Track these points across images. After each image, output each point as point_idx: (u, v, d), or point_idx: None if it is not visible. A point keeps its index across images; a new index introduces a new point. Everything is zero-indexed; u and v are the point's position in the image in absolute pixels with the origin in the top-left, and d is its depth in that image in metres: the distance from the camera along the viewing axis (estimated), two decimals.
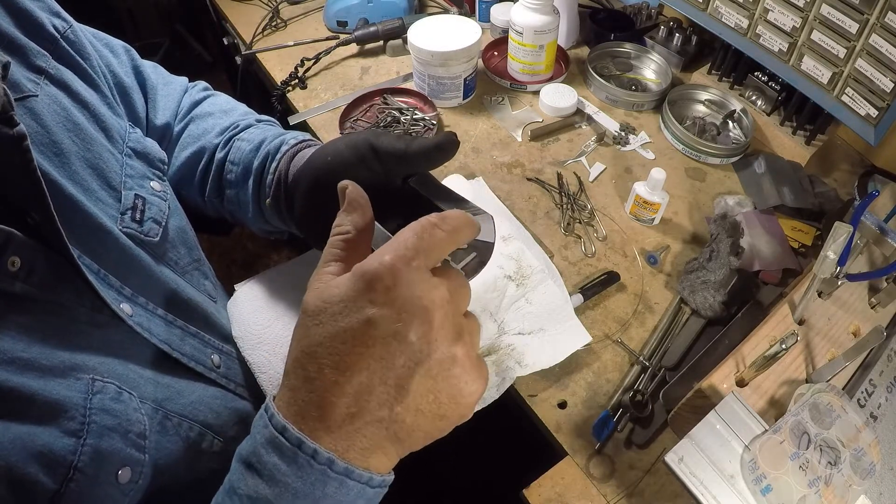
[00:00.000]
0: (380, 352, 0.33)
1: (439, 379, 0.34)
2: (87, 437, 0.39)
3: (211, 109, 0.65)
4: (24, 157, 0.38)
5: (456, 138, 0.45)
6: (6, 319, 0.37)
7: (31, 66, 0.45)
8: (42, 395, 0.37)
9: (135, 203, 0.50)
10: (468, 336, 0.36)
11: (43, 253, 0.39)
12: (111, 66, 0.57)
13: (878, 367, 0.58)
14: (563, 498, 0.59)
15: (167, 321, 0.50)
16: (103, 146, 0.49)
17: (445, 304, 0.34)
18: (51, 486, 0.36)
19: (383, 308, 0.32)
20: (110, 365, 0.43)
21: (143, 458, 0.42)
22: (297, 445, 0.33)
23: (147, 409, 0.44)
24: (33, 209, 0.39)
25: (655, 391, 0.64)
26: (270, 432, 0.33)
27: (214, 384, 0.54)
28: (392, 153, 0.46)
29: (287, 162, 0.55)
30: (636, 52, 1.06)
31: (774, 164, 0.86)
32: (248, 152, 0.58)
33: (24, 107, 0.42)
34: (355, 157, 0.46)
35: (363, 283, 0.33)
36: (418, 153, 0.45)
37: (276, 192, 0.55)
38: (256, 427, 0.35)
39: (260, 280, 0.64)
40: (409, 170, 0.47)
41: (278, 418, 0.33)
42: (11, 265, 0.37)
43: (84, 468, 0.38)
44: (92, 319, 0.43)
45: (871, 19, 0.72)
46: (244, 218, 0.61)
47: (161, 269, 0.52)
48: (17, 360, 0.37)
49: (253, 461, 0.34)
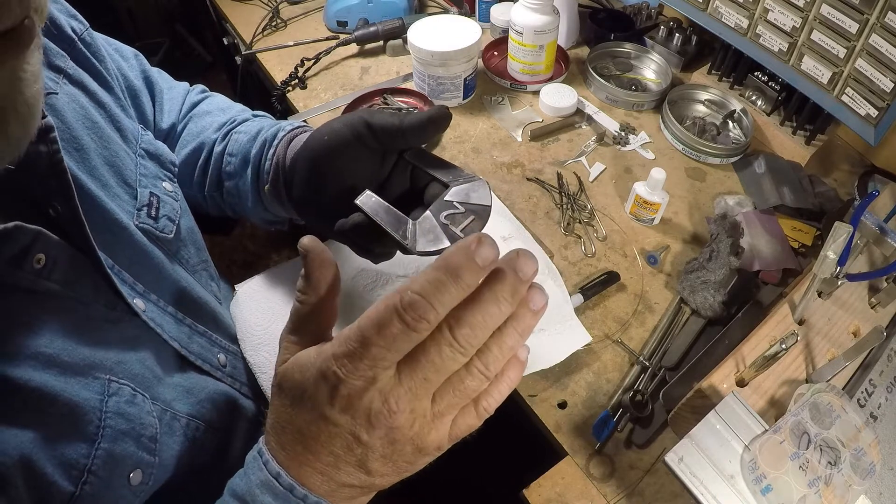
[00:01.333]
0: (339, 444, 0.33)
1: (399, 453, 0.33)
2: (102, 441, 0.39)
3: (209, 108, 0.66)
4: (50, 149, 0.39)
5: (447, 111, 0.46)
6: (31, 316, 0.38)
7: (51, 66, 0.46)
8: (63, 396, 0.37)
9: (150, 200, 0.51)
10: (425, 406, 0.33)
11: (66, 250, 0.40)
12: (122, 70, 0.58)
13: (878, 367, 0.58)
14: (563, 498, 0.59)
15: (177, 319, 0.50)
16: (119, 145, 0.49)
17: (408, 409, 0.31)
18: (67, 489, 0.37)
19: (342, 414, 0.32)
20: (126, 363, 0.43)
21: (154, 460, 0.43)
22: (289, 490, 0.33)
23: (157, 410, 0.44)
24: (57, 202, 0.39)
25: (655, 391, 0.64)
26: (265, 476, 0.34)
27: (221, 383, 0.54)
28: (387, 129, 0.47)
29: (284, 147, 0.55)
30: (636, 52, 1.06)
31: (774, 164, 0.86)
32: (245, 142, 0.59)
33: (46, 103, 0.42)
34: (352, 134, 0.47)
35: (324, 384, 0.32)
36: (412, 127, 0.46)
37: (274, 178, 0.56)
38: (251, 468, 0.35)
39: (260, 280, 0.64)
40: (404, 144, 0.48)
41: (273, 465, 0.34)
42: (37, 262, 0.37)
43: (97, 471, 0.38)
44: (107, 315, 0.43)
45: (871, 19, 0.72)
46: (244, 209, 0.61)
47: (174, 266, 0.52)
48: (41, 355, 0.37)
49: (248, 499, 0.34)
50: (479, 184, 0.46)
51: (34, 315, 0.38)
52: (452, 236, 0.43)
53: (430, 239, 0.43)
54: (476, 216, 0.44)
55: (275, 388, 0.35)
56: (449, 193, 0.45)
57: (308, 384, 0.33)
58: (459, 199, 0.45)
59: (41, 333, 0.38)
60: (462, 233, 0.44)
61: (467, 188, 0.46)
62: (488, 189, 0.46)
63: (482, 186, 0.46)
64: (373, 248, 0.47)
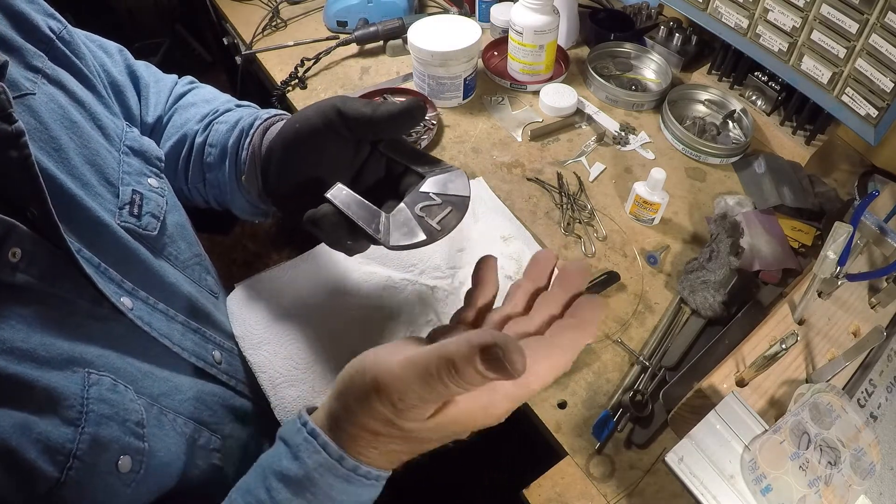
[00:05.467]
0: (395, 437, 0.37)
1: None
2: (86, 425, 0.39)
3: (194, 100, 0.65)
4: (21, 153, 0.38)
5: (423, 103, 0.45)
6: (6, 309, 0.38)
7: (28, 66, 0.45)
8: (41, 382, 0.37)
9: (132, 198, 0.50)
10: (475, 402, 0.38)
11: (43, 245, 0.40)
12: (105, 66, 0.57)
13: (878, 367, 0.58)
14: (563, 498, 0.59)
15: (168, 316, 0.50)
16: (100, 143, 0.49)
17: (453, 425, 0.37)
18: (52, 474, 0.37)
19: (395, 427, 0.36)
20: (108, 358, 0.43)
21: (143, 446, 0.42)
22: (353, 470, 0.37)
23: (143, 402, 0.44)
24: (32, 204, 0.39)
25: (655, 391, 0.64)
26: (325, 458, 0.37)
27: (215, 380, 0.54)
28: (358, 118, 0.45)
29: (260, 136, 0.55)
30: (636, 52, 1.06)
31: (774, 164, 0.86)
32: (224, 133, 0.58)
33: (22, 105, 0.42)
34: (323, 122, 0.46)
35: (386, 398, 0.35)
36: (384, 117, 0.45)
37: (250, 167, 0.55)
38: (304, 450, 0.38)
39: (260, 279, 0.64)
40: (377, 134, 0.47)
41: (333, 447, 0.37)
42: (12, 256, 0.37)
43: (83, 456, 0.38)
44: (92, 312, 0.43)
45: (871, 19, 0.72)
46: (226, 200, 0.61)
47: (160, 263, 0.52)
48: (17, 349, 0.37)
49: (306, 483, 0.37)
50: (457, 174, 0.44)
51: (10, 308, 0.38)
52: (428, 229, 0.42)
53: (405, 232, 0.42)
54: (454, 207, 0.43)
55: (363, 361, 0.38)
56: (425, 184, 0.44)
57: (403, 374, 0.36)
58: (436, 190, 0.43)
59: (17, 327, 0.38)
60: (438, 225, 0.42)
61: (444, 178, 0.44)
62: (466, 179, 0.44)
63: (460, 177, 0.44)
64: (344, 242, 0.45)
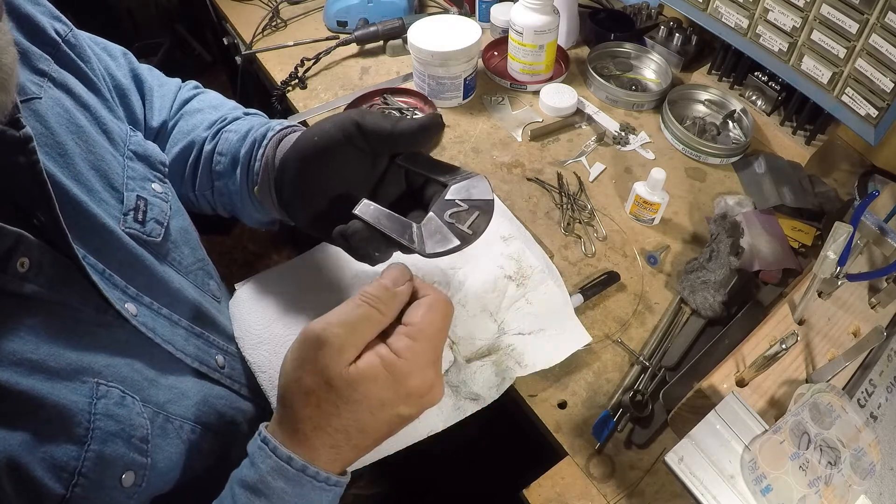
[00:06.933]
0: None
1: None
2: (91, 443, 0.39)
3: (200, 106, 0.65)
4: (29, 159, 0.38)
5: (440, 119, 0.46)
6: (16, 321, 0.38)
7: (35, 70, 0.45)
8: (50, 399, 0.37)
9: (137, 204, 0.50)
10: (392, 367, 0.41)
11: (50, 253, 0.39)
12: (110, 70, 0.57)
13: (878, 367, 0.58)
14: (563, 498, 0.59)
15: (172, 321, 0.50)
16: (105, 148, 0.49)
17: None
18: (58, 491, 0.37)
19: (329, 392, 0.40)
20: (115, 367, 0.43)
21: (146, 461, 0.43)
22: (302, 470, 0.40)
23: (149, 412, 0.44)
24: (39, 210, 0.39)
25: (655, 391, 0.64)
26: (276, 462, 0.40)
27: (219, 384, 0.54)
28: (377, 132, 0.46)
29: (273, 148, 0.55)
30: (636, 52, 1.06)
31: (774, 164, 0.86)
32: (235, 142, 0.58)
33: (28, 109, 0.42)
34: (342, 135, 0.47)
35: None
36: (403, 133, 0.46)
37: (263, 179, 0.55)
38: (258, 457, 0.41)
39: (260, 280, 0.64)
40: (395, 149, 0.48)
41: (283, 450, 0.40)
42: (21, 266, 0.37)
43: (88, 473, 0.38)
44: (98, 320, 0.43)
45: (871, 19, 0.72)
46: (235, 209, 0.61)
47: (164, 268, 0.52)
48: (26, 361, 0.37)
49: (260, 487, 0.40)
50: (478, 179, 0.46)
51: (19, 319, 0.38)
52: (460, 234, 0.43)
53: (438, 240, 0.43)
54: (480, 211, 0.44)
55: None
56: (449, 192, 0.45)
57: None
58: (461, 197, 0.45)
59: (26, 338, 0.38)
60: (469, 229, 0.43)
61: (467, 184, 0.45)
62: (487, 183, 0.46)
63: (481, 181, 0.46)
64: (373, 254, 0.46)
